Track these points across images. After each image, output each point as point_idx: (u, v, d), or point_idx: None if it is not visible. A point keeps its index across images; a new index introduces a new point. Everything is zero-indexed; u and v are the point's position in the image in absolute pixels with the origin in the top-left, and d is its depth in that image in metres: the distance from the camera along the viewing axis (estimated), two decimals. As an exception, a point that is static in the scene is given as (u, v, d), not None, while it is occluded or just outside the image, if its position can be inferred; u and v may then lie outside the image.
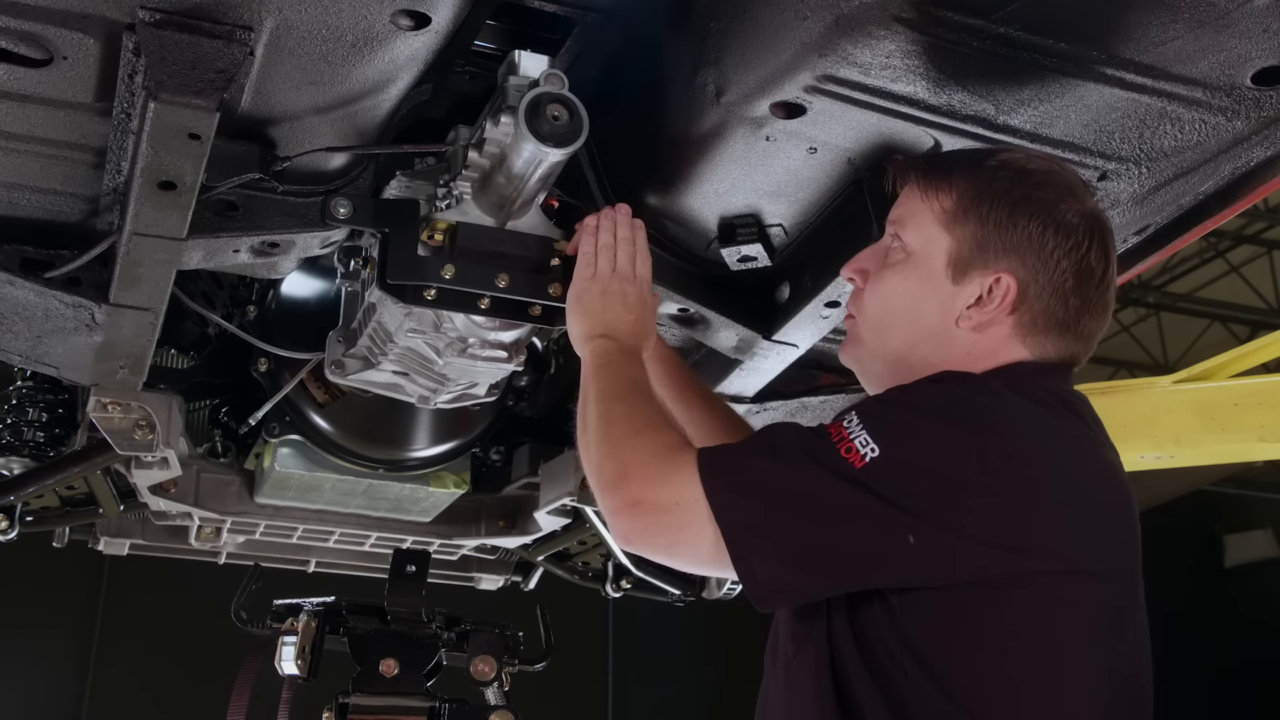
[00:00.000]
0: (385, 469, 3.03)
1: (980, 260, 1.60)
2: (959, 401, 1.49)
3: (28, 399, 2.91)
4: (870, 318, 1.69)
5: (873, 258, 1.71)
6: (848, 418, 1.47)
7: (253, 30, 1.59)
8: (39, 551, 4.11)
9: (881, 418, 1.46)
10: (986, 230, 1.59)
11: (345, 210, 1.92)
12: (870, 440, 1.42)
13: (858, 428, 1.44)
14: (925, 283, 1.63)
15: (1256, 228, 13.12)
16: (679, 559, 1.60)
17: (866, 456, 1.41)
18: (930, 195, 1.64)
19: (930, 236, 1.63)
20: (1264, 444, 3.35)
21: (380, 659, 2.91)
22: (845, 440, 1.43)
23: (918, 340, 1.63)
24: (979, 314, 1.59)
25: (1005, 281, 1.58)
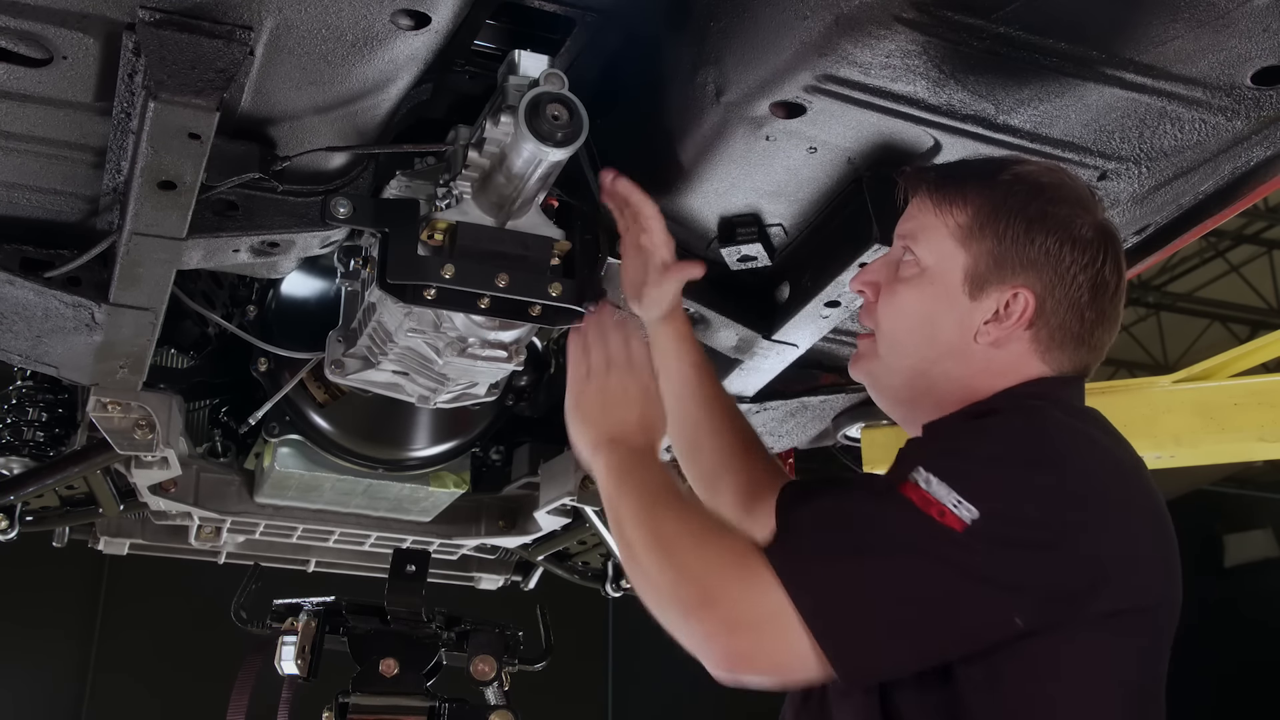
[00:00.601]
0: (385, 469, 3.03)
1: (997, 276, 1.58)
2: (1034, 444, 1.44)
3: (28, 399, 2.91)
4: (886, 333, 1.66)
5: (883, 270, 1.68)
6: (920, 475, 1.38)
7: (252, 30, 1.59)
8: (39, 551, 4.10)
9: (965, 474, 1.37)
10: (1004, 246, 1.58)
11: (345, 210, 1.91)
12: (963, 500, 1.34)
13: (941, 486, 1.36)
14: (942, 299, 1.61)
15: (1256, 227, 13.12)
16: (793, 676, 1.40)
17: (966, 519, 1.33)
18: (944, 210, 1.62)
19: (946, 252, 1.61)
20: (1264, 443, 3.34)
21: (380, 659, 2.91)
22: (932, 503, 1.35)
23: (936, 356, 1.61)
24: (997, 329, 1.58)
25: (1023, 297, 1.57)
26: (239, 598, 3.26)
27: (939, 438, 1.52)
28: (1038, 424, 1.47)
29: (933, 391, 1.60)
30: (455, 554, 3.67)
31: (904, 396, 1.65)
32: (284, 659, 2.98)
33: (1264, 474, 13.11)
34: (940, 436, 1.52)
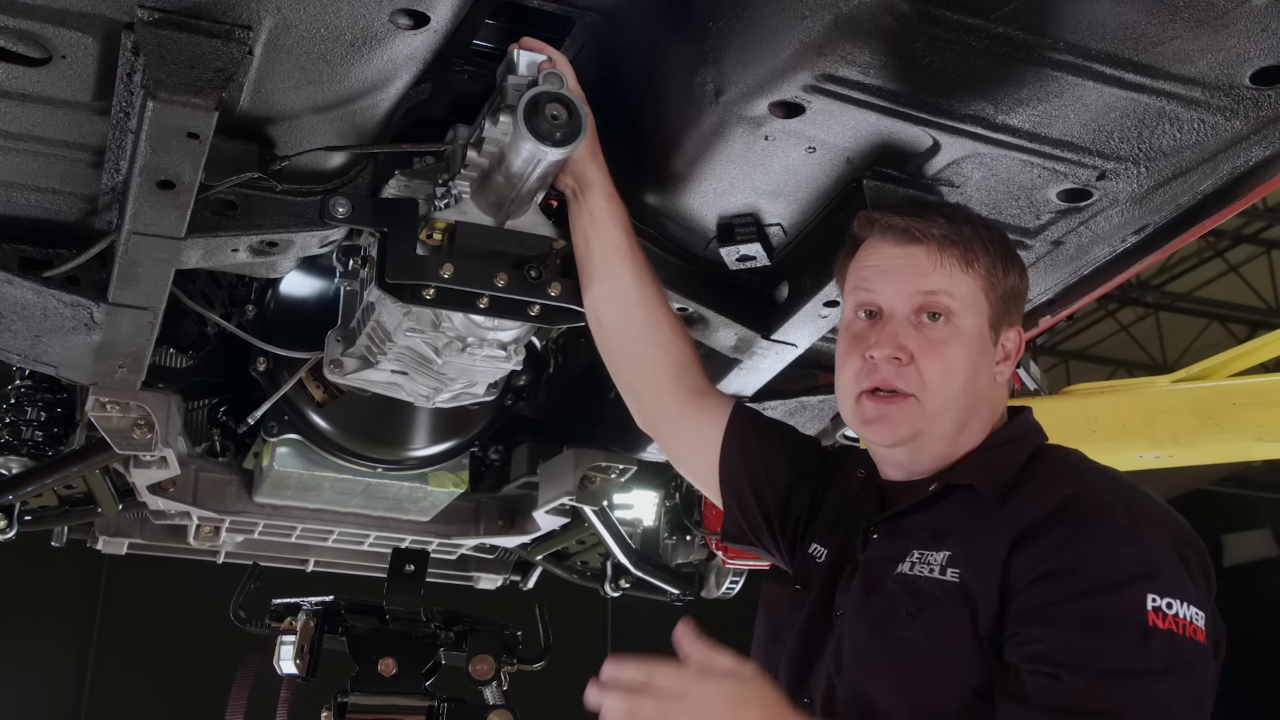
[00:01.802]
0: (384, 468, 3.03)
1: (1006, 319, 1.73)
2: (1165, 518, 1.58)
3: (26, 398, 2.91)
4: (939, 393, 1.67)
5: (909, 331, 1.69)
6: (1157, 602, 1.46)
7: (251, 29, 1.58)
8: (38, 551, 4.10)
9: (1185, 583, 1.49)
10: (1007, 291, 1.72)
11: (344, 209, 1.91)
12: (1198, 610, 1.47)
13: (1181, 605, 1.46)
14: (980, 350, 1.70)
15: (1255, 227, 13.13)
16: None
17: (1203, 624, 1.47)
18: (971, 267, 1.69)
19: (976, 305, 1.70)
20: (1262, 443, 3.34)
21: (379, 658, 2.91)
22: (1185, 624, 1.45)
23: (975, 404, 1.70)
24: (1007, 367, 1.73)
25: (1017, 333, 1.74)
26: (238, 597, 3.26)
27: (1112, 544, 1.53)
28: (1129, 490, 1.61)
29: (966, 436, 1.71)
30: (454, 553, 3.67)
31: (943, 449, 1.71)
32: (283, 658, 2.98)
33: (1263, 474, 13.12)
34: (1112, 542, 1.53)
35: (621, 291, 2.00)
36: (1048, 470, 1.66)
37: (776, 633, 1.80)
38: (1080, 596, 1.48)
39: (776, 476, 1.96)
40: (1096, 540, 1.52)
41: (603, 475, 2.95)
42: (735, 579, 3.52)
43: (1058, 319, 2.28)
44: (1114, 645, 1.45)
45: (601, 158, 1.97)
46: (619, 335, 2.06)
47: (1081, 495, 1.58)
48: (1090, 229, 1.97)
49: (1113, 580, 1.48)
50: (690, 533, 3.43)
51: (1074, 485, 1.60)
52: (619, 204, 1.99)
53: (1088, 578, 1.49)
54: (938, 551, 1.62)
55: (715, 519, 3.30)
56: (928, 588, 1.60)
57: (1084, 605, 1.48)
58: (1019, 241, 2.01)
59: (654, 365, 2.05)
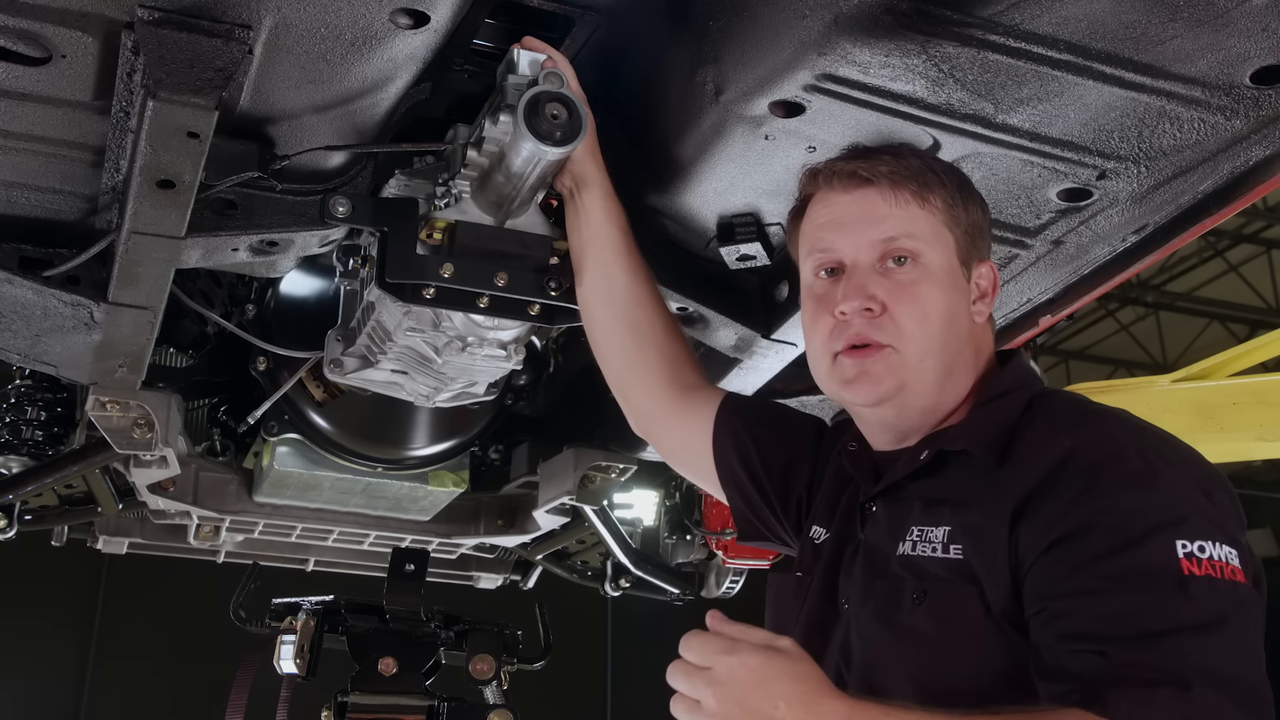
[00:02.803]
0: (384, 467, 3.03)
1: (975, 252, 1.67)
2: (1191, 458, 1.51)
3: (26, 398, 2.91)
4: (918, 339, 1.60)
5: (877, 279, 1.62)
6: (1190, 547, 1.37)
7: (251, 29, 1.58)
8: (38, 550, 4.11)
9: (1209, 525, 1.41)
10: (971, 223, 1.66)
11: (344, 209, 1.91)
12: (1224, 545, 1.39)
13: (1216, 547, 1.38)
14: (954, 288, 1.63)
15: (1255, 227, 13.14)
16: None
17: (1240, 564, 1.39)
18: (928, 201, 1.64)
19: (942, 240, 1.63)
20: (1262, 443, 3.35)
21: (379, 657, 2.91)
22: (1223, 566, 1.37)
23: (960, 347, 1.63)
24: (985, 305, 1.65)
25: (990, 268, 1.67)
26: (238, 597, 3.26)
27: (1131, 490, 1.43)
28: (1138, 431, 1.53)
29: (953, 384, 1.63)
30: (454, 553, 3.67)
31: (931, 401, 1.64)
32: (283, 658, 2.98)
33: (1263, 473, 13.12)
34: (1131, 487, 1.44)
35: (614, 289, 1.99)
36: (1046, 422, 1.55)
37: (781, 625, 1.74)
38: (1103, 557, 1.38)
39: (771, 462, 1.91)
40: (1109, 492, 1.42)
41: (603, 475, 2.95)
42: (735, 578, 3.52)
43: (1058, 318, 2.28)
44: (1155, 604, 1.35)
45: (600, 157, 1.97)
46: (611, 333, 2.04)
47: (1084, 445, 1.48)
48: (1090, 228, 1.97)
49: (1135, 532, 1.38)
50: (690, 532, 3.43)
51: (1074, 436, 1.49)
52: (616, 203, 1.98)
53: (1108, 534, 1.39)
54: (937, 527, 1.54)
55: (715, 519, 3.30)
56: (932, 569, 1.52)
57: (1110, 565, 1.37)
58: (1019, 241, 2.01)
59: (645, 363, 2.03)
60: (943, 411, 1.64)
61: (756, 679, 1.31)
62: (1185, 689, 1.29)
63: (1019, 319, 2.28)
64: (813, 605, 1.69)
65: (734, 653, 1.33)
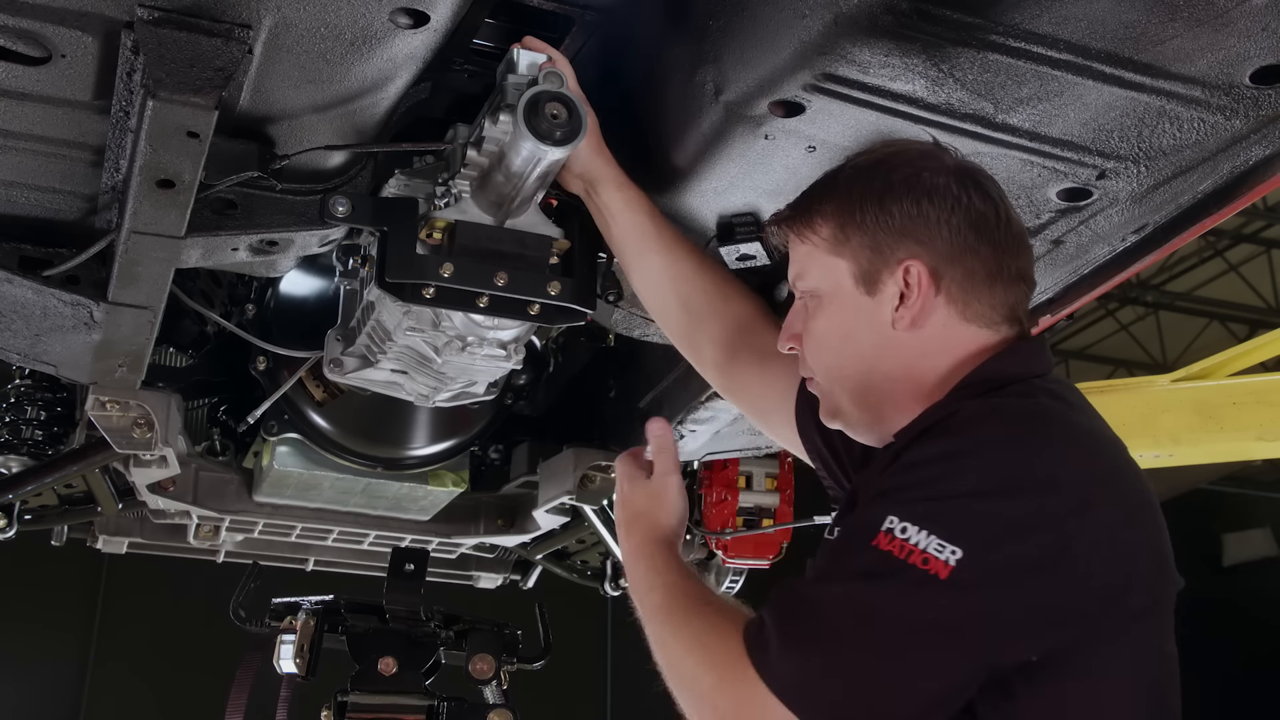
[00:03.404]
0: (384, 467, 3.03)
1: (881, 261, 1.59)
2: (1010, 464, 1.39)
3: (26, 397, 2.91)
4: (822, 369, 1.67)
5: (797, 320, 1.70)
6: (894, 525, 1.34)
7: (251, 28, 1.58)
8: (38, 550, 4.11)
9: (941, 514, 1.34)
10: (870, 233, 1.60)
11: (344, 208, 1.91)
12: (945, 543, 1.31)
13: (920, 533, 1.32)
14: (847, 310, 1.63)
15: (1255, 226, 13.14)
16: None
17: (950, 561, 1.30)
18: (808, 234, 1.66)
19: (828, 268, 1.64)
20: (1262, 442, 3.35)
21: (379, 657, 2.91)
22: (914, 551, 1.32)
23: (869, 364, 1.62)
24: (908, 310, 1.58)
25: (914, 268, 1.57)
26: (238, 596, 3.26)
27: (907, 473, 1.43)
28: (1012, 433, 1.43)
29: (886, 399, 1.61)
30: (454, 553, 3.67)
31: (868, 418, 1.64)
32: (283, 657, 2.98)
33: (1263, 473, 13.13)
34: (908, 471, 1.43)
35: (657, 273, 2.00)
36: (960, 402, 1.52)
37: None
38: (846, 515, 1.48)
39: (853, 444, 1.85)
40: (897, 468, 1.44)
41: (603, 474, 2.95)
42: (735, 578, 3.52)
43: (1057, 318, 2.28)
44: (830, 561, 1.43)
45: (607, 152, 1.97)
46: (667, 316, 2.06)
47: (941, 421, 1.47)
48: (1090, 228, 1.97)
49: (868, 505, 1.41)
50: (690, 532, 3.43)
51: (948, 410, 1.49)
52: (633, 190, 1.97)
53: (862, 499, 1.45)
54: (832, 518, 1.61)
55: (715, 519, 3.30)
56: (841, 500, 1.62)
57: (844, 525, 1.46)
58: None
59: (709, 338, 2.02)
60: (899, 424, 1.59)
61: (619, 499, 1.79)
62: (760, 621, 1.40)
63: (1019, 319, 2.28)
64: None
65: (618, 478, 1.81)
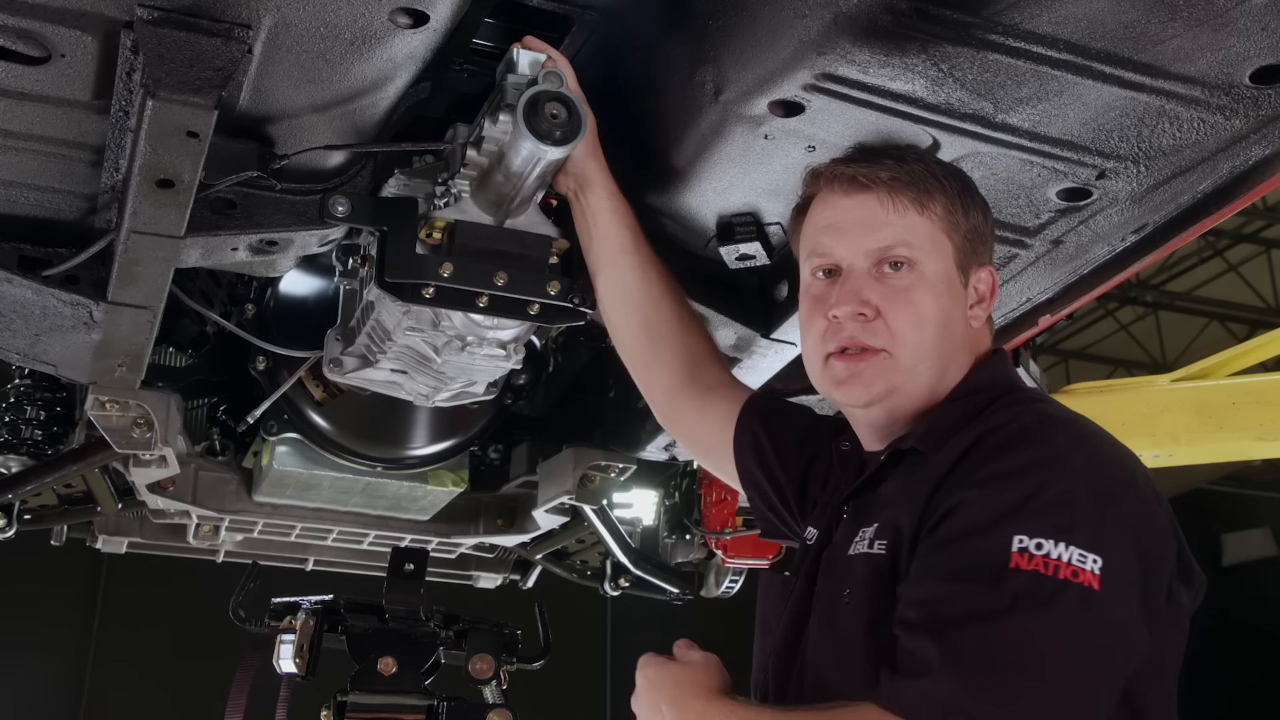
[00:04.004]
0: (383, 467, 3.03)
1: (974, 259, 1.67)
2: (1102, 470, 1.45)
3: (26, 397, 2.91)
4: (912, 344, 1.62)
5: (872, 285, 1.64)
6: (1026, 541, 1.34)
7: (251, 28, 1.58)
8: (37, 549, 4.11)
9: (1073, 525, 1.36)
10: (971, 229, 1.67)
11: (343, 208, 1.91)
12: (1086, 553, 1.34)
13: (1058, 546, 1.34)
14: (951, 294, 1.65)
15: (1255, 226, 13.13)
16: None
17: (1097, 569, 1.33)
18: (926, 207, 1.65)
19: (940, 247, 1.65)
20: (1262, 442, 3.35)
21: (378, 657, 2.91)
22: (1060, 565, 1.33)
23: (953, 352, 1.65)
24: (982, 310, 1.67)
25: (988, 274, 1.69)
26: (237, 596, 3.26)
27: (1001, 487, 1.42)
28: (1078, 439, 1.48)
29: (942, 387, 1.64)
30: (454, 552, 3.67)
31: (922, 403, 1.64)
32: (282, 657, 2.98)
33: (1262, 473, 13.13)
34: (1001, 485, 1.42)
35: (626, 289, 2.00)
36: (990, 414, 1.55)
37: (767, 624, 1.76)
38: (946, 543, 1.41)
39: (791, 464, 1.91)
40: (981, 481, 1.43)
41: (602, 474, 2.95)
42: (735, 578, 3.52)
43: (1057, 318, 2.28)
44: (963, 593, 1.35)
45: (602, 157, 1.97)
46: (626, 333, 2.05)
47: (987, 435, 1.48)
48: (1090, 228, 1.97)
49: (980, 522, 1.39)
50: (690, 532, 3.43)
51: (988, 425, 1.50)
52: (621, 201, 1.98)
53: (960, 521, 1.41)
54: (872, 524, 1.56)
55: (715, 518, 3.30)
56: (859, 567, 1.54)
57: (949, 552, 1.39)
58: (1018, 240, 2.01)
59: (663, 363, 2.03)
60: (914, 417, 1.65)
61: (650, 686, 1.60)
62: (925, 674, 1.32)
63: (1018, 319, 2.28)
64: (794, 604, 1.70)
65: (644, 668, 1.62)
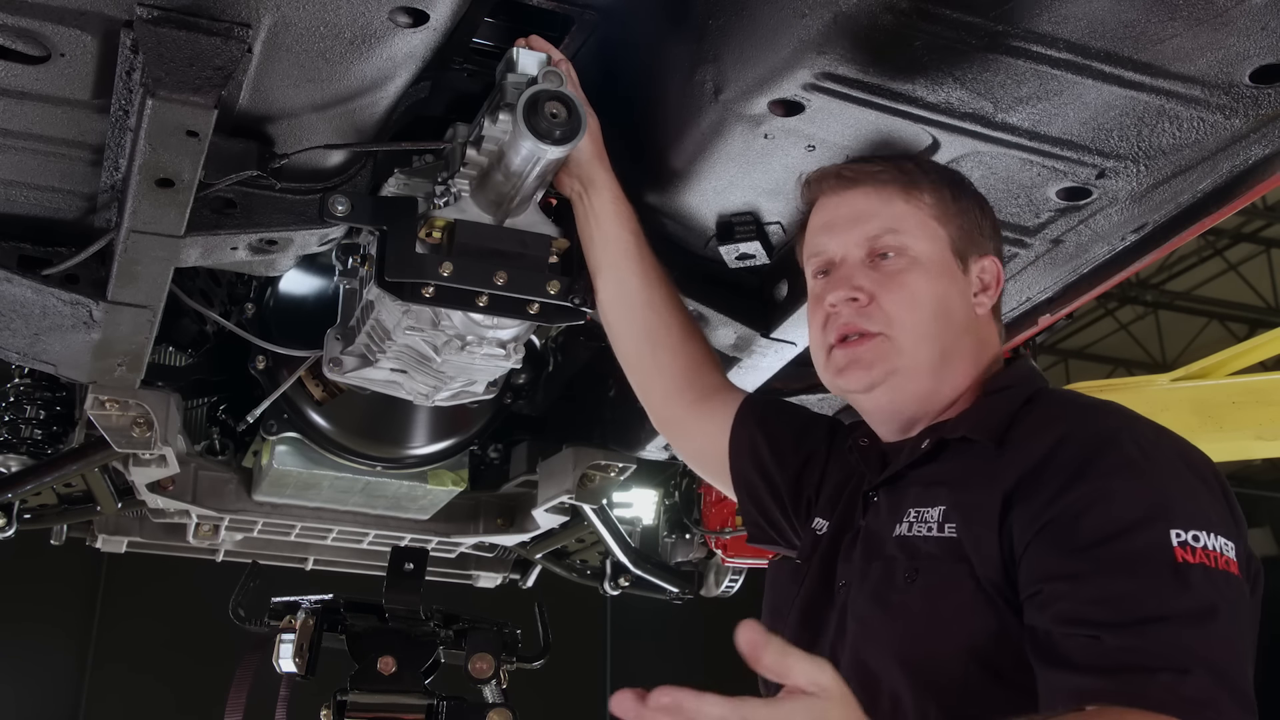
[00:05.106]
0: (383, 466, 3.03)
1: (972, 246, 1.70)
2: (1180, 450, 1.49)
3: (25, 396, 2.91)
4: (907, 326, 1.64)
5: (865, 272, 1.68)
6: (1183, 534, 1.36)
7: (250, 27, 1.58)
8: (37, 549, 4.11)
9: (1205, 513, 1.40)
10: (968, 218, 1.70)
11: (343, 208, 1.91)
12: (1226, 540, 1.38)
13: (1210, 536, 1.37)
14: (946, 277, 1.67)
15: (1254, 226, 13.14)
16: None
17: (1235, 556, 1.38)
18: (914, 195, 1.69)
19: (932, 233, 1.68)
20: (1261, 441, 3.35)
21: (378, 656, 2.91)
22: (1217, 556, 1.36)
23: (956, 335, 1.67)
24: (986, 298, 1.69)
25: (993, 264, 1.71)
26: (237, 595, 3.26)
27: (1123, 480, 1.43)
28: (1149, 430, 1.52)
29: (952, 373, 1.67)
30: (453, 552, 3.67)
31: (926, 387, 1.67)
32: (282, 657, 2.98)
33: (1262, 472, 13.13)
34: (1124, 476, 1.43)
35: (628, 294, 2.00)
36: (1045, 411, 1.57)
37: (778, 610, 1.76)
38: (1097, 543, 1.38)
39: (787, 464, 1.92)
40: (1103, 477, 1.42)
41: (602, 473, 2.95)
42: (735, 577, 3.52)
43: (1057, 317, 2.28)
44: (1149, 590, 1.34)
45: (606, 159, 1.97)
46: (626, 338, 2.06)
47: (1078, 431, 1.49)
48: (1089, 227, 1.97)
49: (1128, 519, 1.38)
50: (690, 531, 3.43)
51: (1070, 422, 1.52)
52: (625, 205, 1.98)
53: (1100, 520, 1.39)
54: (933, 507, 1.56)
55: (715, 518, 3.30)
56: (926, 547, 1.53)
57: (1104, 551, 1.37)
58: (1018, 240, 2.01)
59: (661, 368, 2.04)
60: (942, 400, 1.67)
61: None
62: (1183, 673, 1.29)
63: (1018, 318, 2.28)
64: (808, 590, 1.71)
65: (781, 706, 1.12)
